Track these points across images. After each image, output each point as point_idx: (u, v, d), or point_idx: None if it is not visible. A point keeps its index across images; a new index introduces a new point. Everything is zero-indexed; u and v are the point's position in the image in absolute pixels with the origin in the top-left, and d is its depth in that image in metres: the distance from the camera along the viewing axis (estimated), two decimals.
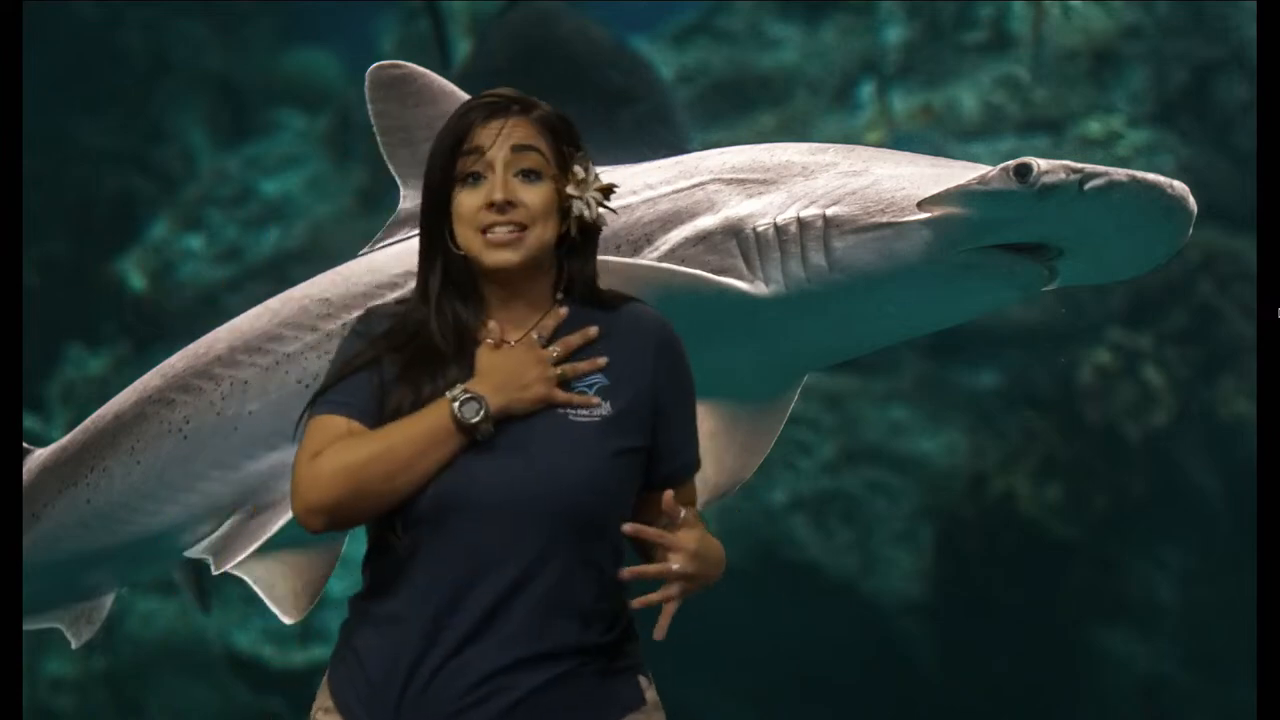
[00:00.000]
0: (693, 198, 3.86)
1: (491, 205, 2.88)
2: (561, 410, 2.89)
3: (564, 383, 2.90)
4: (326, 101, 10.51)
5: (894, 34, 9.36)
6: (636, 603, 2.87)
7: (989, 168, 3.64)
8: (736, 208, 3.81)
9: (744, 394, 4.12)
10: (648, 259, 3.79)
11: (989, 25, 9.23)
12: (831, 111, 9.31)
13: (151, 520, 4.21)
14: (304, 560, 4.17)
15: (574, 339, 2.92)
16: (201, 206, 10.07)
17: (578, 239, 2.97)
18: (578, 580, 2.87)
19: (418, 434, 2.84)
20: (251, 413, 4.02)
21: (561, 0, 8.30)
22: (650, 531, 2.85)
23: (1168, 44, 8.92)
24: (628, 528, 2.84)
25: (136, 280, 9.77)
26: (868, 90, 9.29)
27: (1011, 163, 3.57)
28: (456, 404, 2.83)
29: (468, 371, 2.90)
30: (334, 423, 2.88)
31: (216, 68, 10.74)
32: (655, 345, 2.98)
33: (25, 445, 4.41)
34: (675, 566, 2.83)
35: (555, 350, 2.90)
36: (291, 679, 8.69)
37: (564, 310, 2.96)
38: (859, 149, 3.95)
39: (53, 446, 4.45)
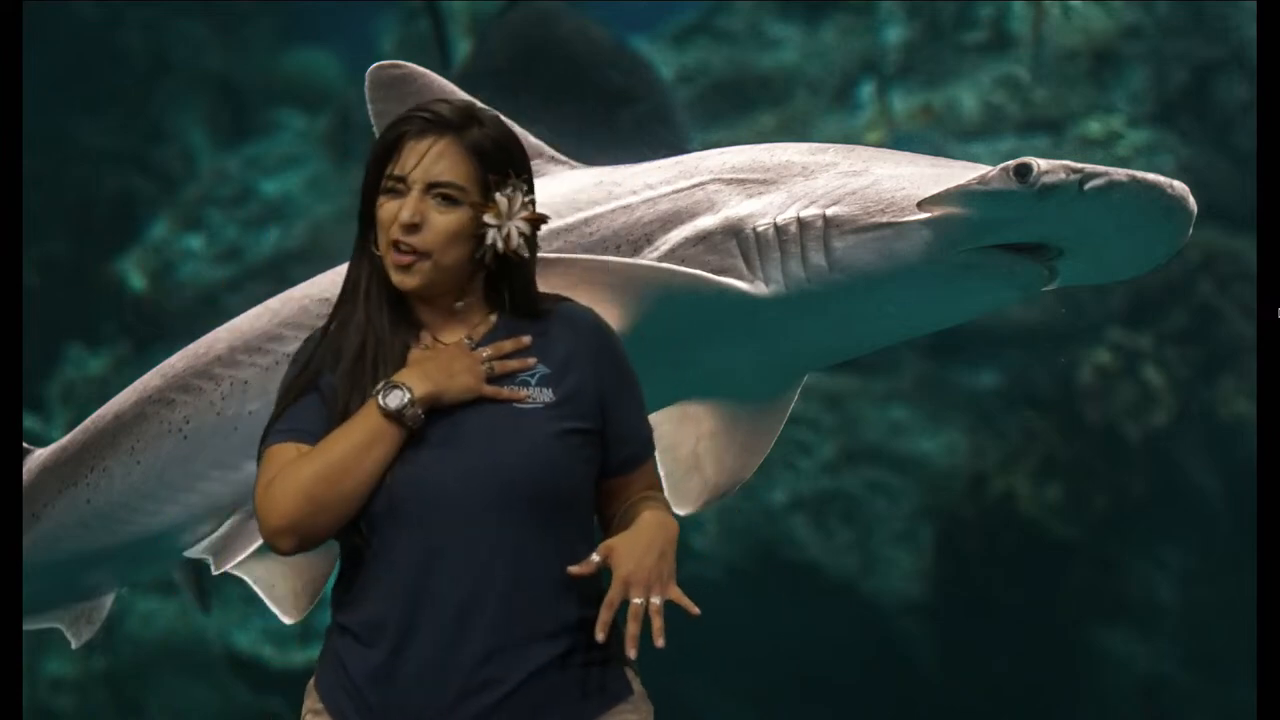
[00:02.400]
0: (693, 198, 3.87)
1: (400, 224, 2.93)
2: (505, 400, 2.93)
3: (496, 380, 2.93)
4: (326, 101, 10.50)
5: (894, 34, 9.36)
6: (631, 649, 2.84)
7: (989, 168, 3.64)
8: (736, 208, 3.82)
9: (744, 394, 4.13)
10: (648, 259, 3.79)
11: (989, 25, 9.22)
12: (831, 111, 9.31)
13: (151, 520, 4.21)
14: (304, 560, 4.16)
15: (506, 344, 2.97)
16: (201, 206, 10.07)
17: (494, 266, 2.98)
18: (545, 562, 2.89)
19: (353, 435, 2.88)
20: (251, 413, 4.03)
21: (561, 0, 8.30)
22: (603, 618, 2.84)
23: (1168, 44, 8.92)
24: (599, 632, 2.84)
25: (136, 280, 9.77)
26: (868, 90, 9.28)
27: (1011, 163, 3.57)
28: (380, 395, 2.87)
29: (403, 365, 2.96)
30: (284, 450, 2.93)
31: (216, 68, 10.73)
32: (588, 336, 3.02)
33: (25, 445, 4.41)
34: (637, 600, 2.83)
35: (486, 351, 2.95)
36: (291, 679, 8.68)
37: (494, 317, 3.00)
38: (859, 149, 3.95)
39: (53, 446, 4.45)
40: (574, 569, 2.86)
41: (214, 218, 10.01)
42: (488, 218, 2.95)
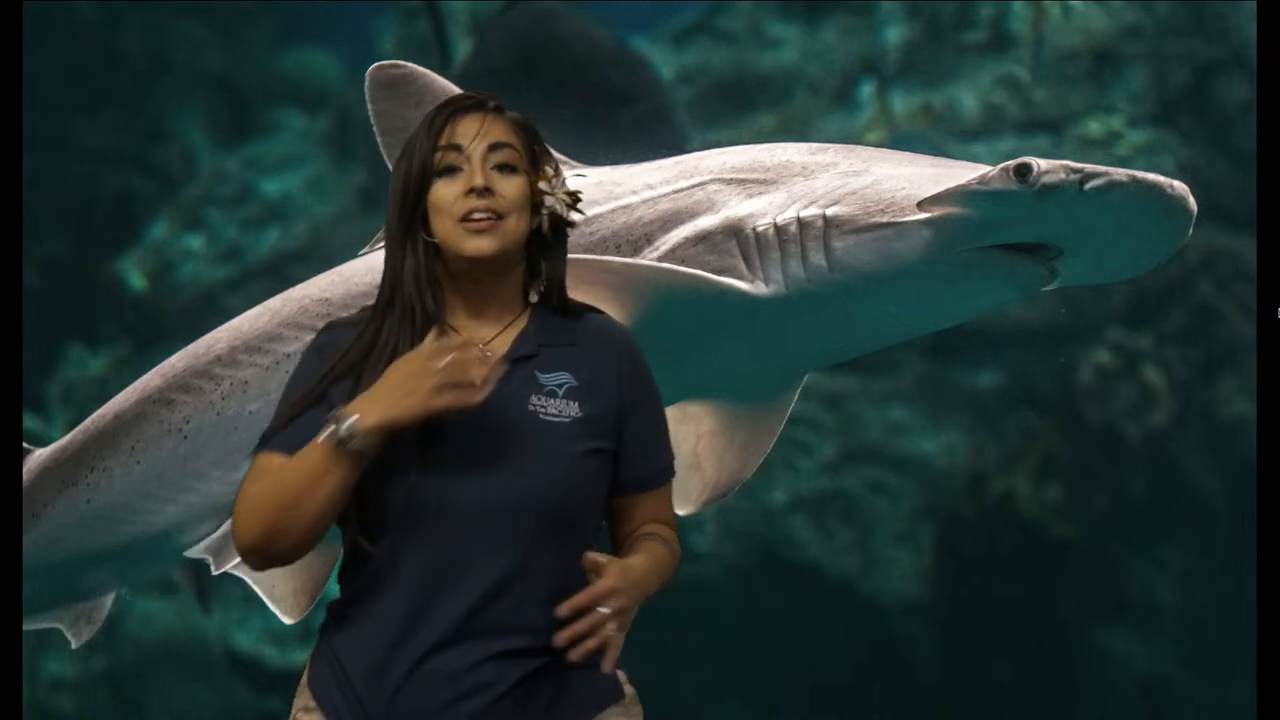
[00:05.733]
0: (693, 198, 3.87)
1: (471, 191, 2.91)
2: (533, 410, 2.91)
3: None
4: (326, 101, 10.51)
5: (894, 34, 9.37)
6: (573, 654, 2.82)
7: (989, 168, 3.64)
8: (736, 208, 3.82)
9: (744, 394, 4.13)
10: (648, 259, 3.79)
11: (989, 25, 9.23)
12: (831, 111, 9.32)
13: (151, 520, 4.21)
14: (304, 560, 4.16)
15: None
16: (201, 206, 10.08)
17: (549, 236, 3.00)
18: (550, 577, 2.90)
19: (305, 465, 2.83)
20: (251, 413, 4.03)
21: (561, 0, 8.31)
22: (579, 599, 2.82)
23: (1168, 44, 8.93)
24: (561, 609, 2.82)
25: (136, 280, 9.78)
26: (868, 90, 9.29)
27: (1011, 163, 3.57)
28: (332, 424, 2.83)
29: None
30: (271, 460, 2.90)
31: (216, 68, 10.74)
32: (618, 354, 3.01)
33: (25, 445, 4.41)
34: (605, 610, 2.82)
35: (450, 356, 2.83)
36: (291, 679, 8.65)
37: (527, 315, 2.98)
38: (859, 149, 3.96)
39: (53, 446, 4.45)
40: (587, 562, 2.84)
41: (214, 218, 10.02)
42: (542, 185, 2.98)
